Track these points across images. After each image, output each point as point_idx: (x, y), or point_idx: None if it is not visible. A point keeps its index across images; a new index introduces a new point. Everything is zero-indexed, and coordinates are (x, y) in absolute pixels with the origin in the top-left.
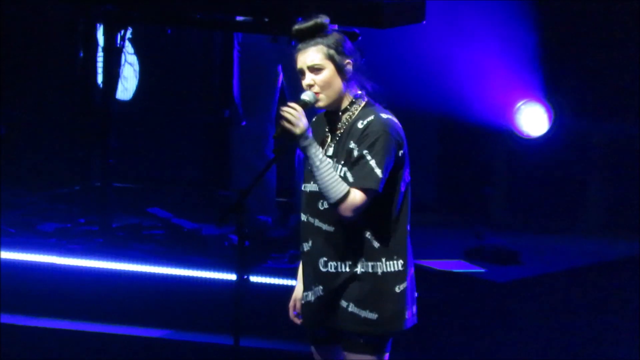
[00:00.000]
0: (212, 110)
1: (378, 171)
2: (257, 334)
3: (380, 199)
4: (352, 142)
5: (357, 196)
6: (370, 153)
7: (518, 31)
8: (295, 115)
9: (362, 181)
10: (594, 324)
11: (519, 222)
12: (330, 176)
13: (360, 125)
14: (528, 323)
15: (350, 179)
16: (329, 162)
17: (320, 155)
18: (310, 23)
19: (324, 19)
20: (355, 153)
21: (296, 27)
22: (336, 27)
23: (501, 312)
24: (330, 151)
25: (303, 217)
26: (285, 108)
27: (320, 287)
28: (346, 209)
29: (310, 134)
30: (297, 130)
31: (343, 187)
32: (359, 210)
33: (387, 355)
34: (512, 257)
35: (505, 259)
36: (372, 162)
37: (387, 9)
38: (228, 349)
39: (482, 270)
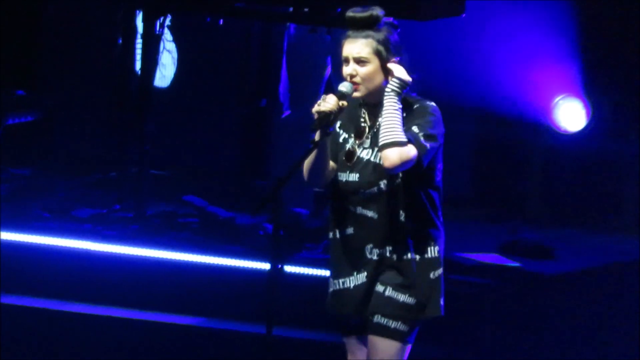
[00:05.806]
0: (248, 99)
1: (426, 144)
2: (290, 324)
3: (421, 185)
4: None
5: (411, 150)
6: (418, 127)
7: (557, 26)
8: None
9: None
10: (628, 322)
11: (554, 218)
12: (399, 121)
13: (403, 114)
14: (559, 318)
15: None
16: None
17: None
18: (366, 14)
19: (379, 12)
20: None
21: (350, 14)
22: (391, 19)
23: (534, 306)
24: (368, 143)
25: (339, 205)
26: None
27: (364, 274)
28: (398, 154)
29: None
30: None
31: (404, 136)
32: (404, 165)
33: (409, 346)
34: (546, 253)
35: (539, 254)
36: (421, 135)
37: (425, 1)
38: (260, 338)
39: (517, 265)
